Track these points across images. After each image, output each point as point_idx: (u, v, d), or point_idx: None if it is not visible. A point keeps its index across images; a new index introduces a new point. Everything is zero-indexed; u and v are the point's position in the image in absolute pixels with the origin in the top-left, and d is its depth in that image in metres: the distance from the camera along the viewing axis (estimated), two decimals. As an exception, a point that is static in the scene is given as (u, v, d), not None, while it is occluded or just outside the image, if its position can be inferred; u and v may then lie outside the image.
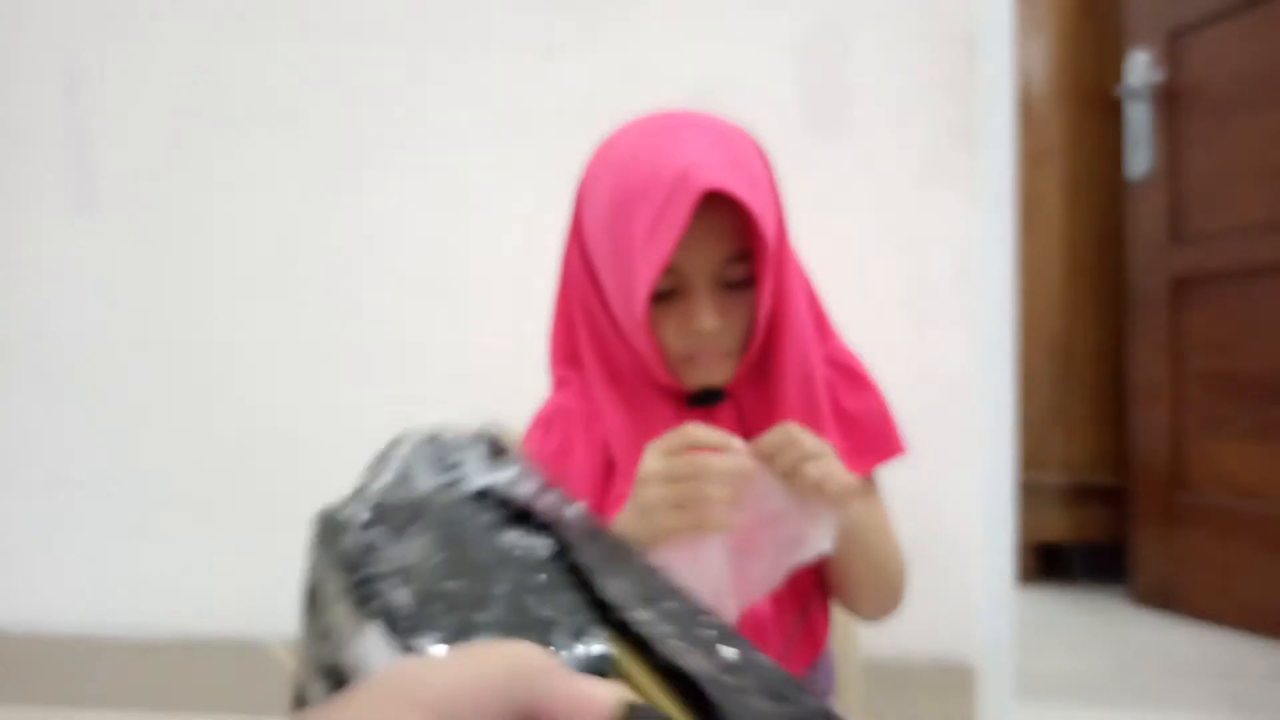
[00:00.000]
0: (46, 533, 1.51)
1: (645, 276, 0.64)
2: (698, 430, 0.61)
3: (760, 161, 0.70)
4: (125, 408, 1.49)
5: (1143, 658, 1.70)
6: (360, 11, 1.43)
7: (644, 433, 0.72)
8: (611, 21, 1.37)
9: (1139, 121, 2.07)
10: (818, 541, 0.62)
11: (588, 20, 1.38)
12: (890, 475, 0.82)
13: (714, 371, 0.71)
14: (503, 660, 0.21)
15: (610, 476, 0.73)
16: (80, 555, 1.50)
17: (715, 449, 0.60)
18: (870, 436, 0.76)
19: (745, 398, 0.74)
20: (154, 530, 1.48)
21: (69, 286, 1.51)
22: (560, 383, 0.78)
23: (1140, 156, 2.07)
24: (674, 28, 1.36)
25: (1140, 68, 2.05)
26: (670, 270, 0.66)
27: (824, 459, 0.61)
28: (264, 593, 1.42)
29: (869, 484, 0.78)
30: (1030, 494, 2.21)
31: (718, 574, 0.60)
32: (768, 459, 0.61)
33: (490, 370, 1.37)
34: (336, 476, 1.40)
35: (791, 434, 0.61)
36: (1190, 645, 1.79)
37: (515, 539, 0.31)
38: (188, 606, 1.46)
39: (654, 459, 0.61)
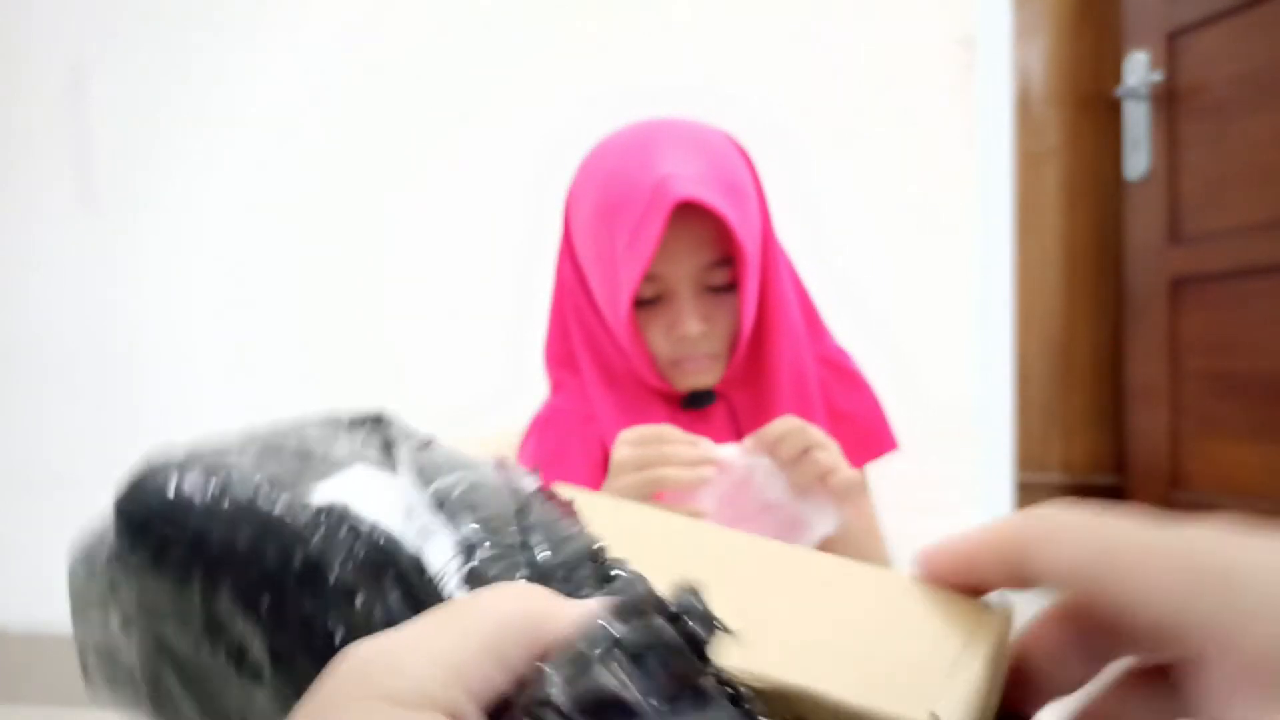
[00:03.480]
0: (46, 533, 1.51)
1: (626, 285, 0.66)
2: (669, 430, 0.62)
3: (743, 167, 0.71)
4: (126, 406, 1.49)
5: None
6: (362, 18, 1.43)
7: None
8: (612, 26, 1.37)
9: (1137, 122, 2.07)
10: (818, 526, 0.63)
11: (583, 26, 1.38)
12: (889, 474, 0.83)
13: (701, 375, 0.72)
14: (491, 614, 0.18)
15: (606, 478, 0.74)
16: (80, 555, 1.50)
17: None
18: (863, 434, 0.77)
19: (737, 399, 0.75)
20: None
21: (70, 285, 1.51)
22: (557, 385, 0.78)
23: (1138, 157, 2.07)
24: (674, 31, 1.36)
25: (1138, 69, 2.05)
26: (654, 278, 0.68)
27: (830, 449, 0.62)
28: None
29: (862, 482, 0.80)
30: (1028, 494, 2.21)
31: None
32: (772, 446, 0.62)
33: (490, 371, 1.37)
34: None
35: (797, 422, 0.62)
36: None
37: None
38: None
39: (623, 449, 0.62)
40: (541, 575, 0.23)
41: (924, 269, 1.30)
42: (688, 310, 0.68)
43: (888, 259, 1.31)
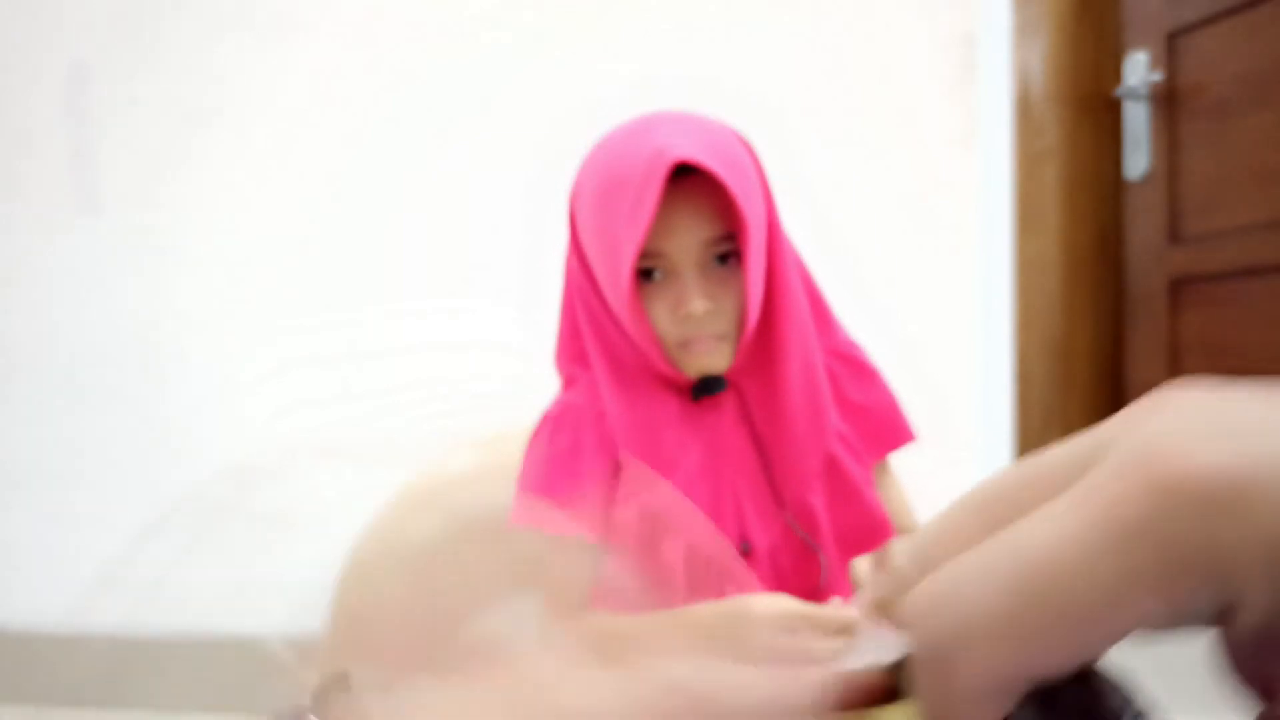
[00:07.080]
0: (46, 533, 1.51)
1: (626, 255, 0.65)
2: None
3: (744, 152, 0.71)
4: (126, 408, 1.49)
5: (1140, 657, 1.70)
6: (363, 14, 1.43)
7: (649, 428, 0.74)
8: (613, 25, 1.37)
9: (1137, 122, 2.07)
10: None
11: (586, 25, 1.38)
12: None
13: (711, 357, 0.72)
14: None
15: (618, 473, 0.74)
16: (80, 555, 1.50)
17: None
18: (880, 427, 0.78)
19: (747, 386, 0.75)
20: (154, 530, 1.48)
21: (71, 286, 1.51)
22: (569, 381, 0.79)
23: (1138, 157, 2.07)
24: (675, 30, 1.36)
25: (1139, 68, 2.06)
26: (657, 254, 0.68)
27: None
28: (264, 592, 1.42)
29: (884, 470, 0.81)
30: (1029, 494, 2.21)
31: None
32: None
33: (492, 372, 1.37)
34: (337, 479, 1.40)
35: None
36: (1188, 644, 1.79)
37: None
38: (188, 606, 1.46)
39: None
40: None
41: (924, 268, 1.30)
42: (692, 288, 0.68)
43: (887, 259, 1.31)
